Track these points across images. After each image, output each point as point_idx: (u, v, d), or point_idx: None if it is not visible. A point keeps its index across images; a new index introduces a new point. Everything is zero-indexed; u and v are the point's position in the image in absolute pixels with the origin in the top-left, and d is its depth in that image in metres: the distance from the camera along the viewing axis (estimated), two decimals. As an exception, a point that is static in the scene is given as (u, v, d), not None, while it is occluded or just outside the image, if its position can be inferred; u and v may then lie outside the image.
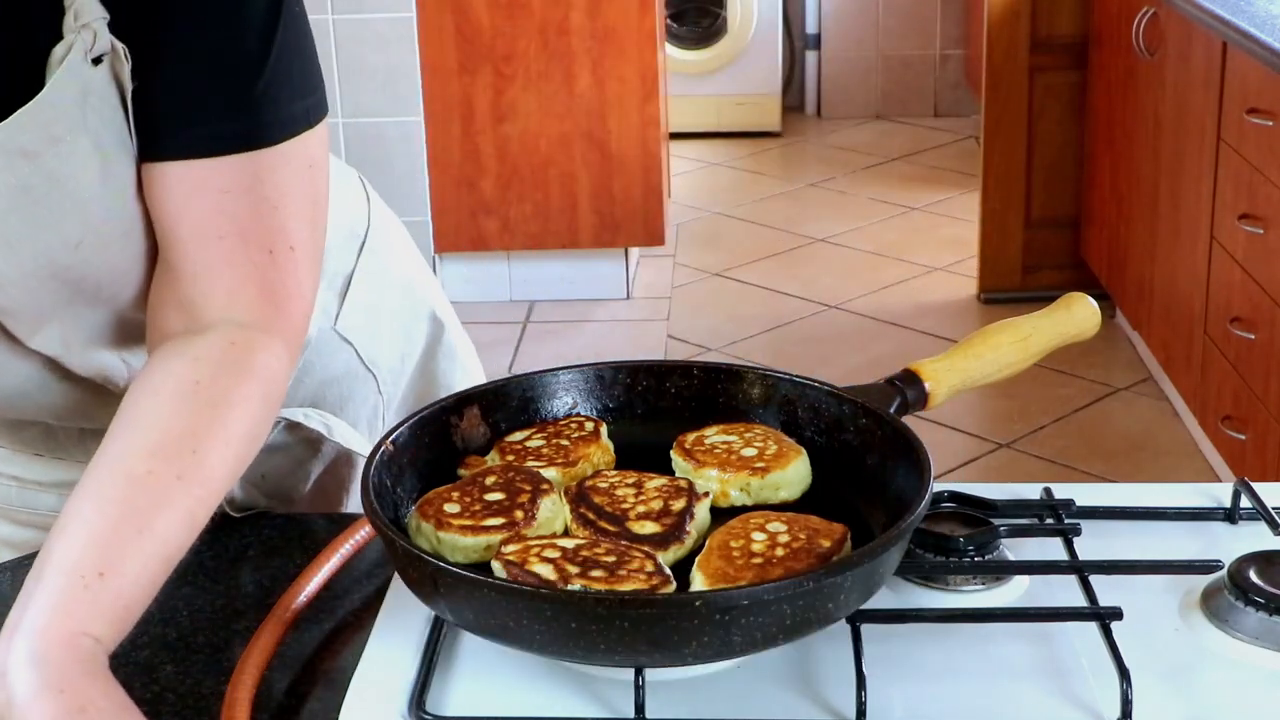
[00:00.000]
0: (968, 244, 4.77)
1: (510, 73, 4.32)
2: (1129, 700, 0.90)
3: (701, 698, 0.93)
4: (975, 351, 1.16)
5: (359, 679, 0.95)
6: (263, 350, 1.04)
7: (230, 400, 1.01)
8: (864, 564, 0.89)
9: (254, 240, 1.04)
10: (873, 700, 0.90)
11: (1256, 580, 1.00)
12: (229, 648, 1.05)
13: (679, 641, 0.86)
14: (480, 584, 0.88)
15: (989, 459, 3.64)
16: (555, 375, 1.14)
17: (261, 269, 1.05)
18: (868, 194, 5.58)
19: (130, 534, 0.93)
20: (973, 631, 0.99)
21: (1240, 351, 3.14)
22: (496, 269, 4.58)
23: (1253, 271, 3.05)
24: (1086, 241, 4.33)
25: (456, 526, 0.97)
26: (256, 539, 1.19)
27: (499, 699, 0.93)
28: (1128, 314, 4.05)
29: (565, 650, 0.88)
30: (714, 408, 1.14)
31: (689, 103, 6.08)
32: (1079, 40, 4.26)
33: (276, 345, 1.05)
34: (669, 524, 0.98)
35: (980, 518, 1.08)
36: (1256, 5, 3.09)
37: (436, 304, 1.46)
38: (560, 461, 1.06)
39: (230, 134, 1.03)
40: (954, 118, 6.40)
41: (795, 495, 1.05)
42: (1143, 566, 1.05)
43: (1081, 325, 1.20)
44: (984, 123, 4.36)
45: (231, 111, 1.03)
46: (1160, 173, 3.66)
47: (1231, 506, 1.13)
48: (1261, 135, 2.96)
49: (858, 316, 4.49)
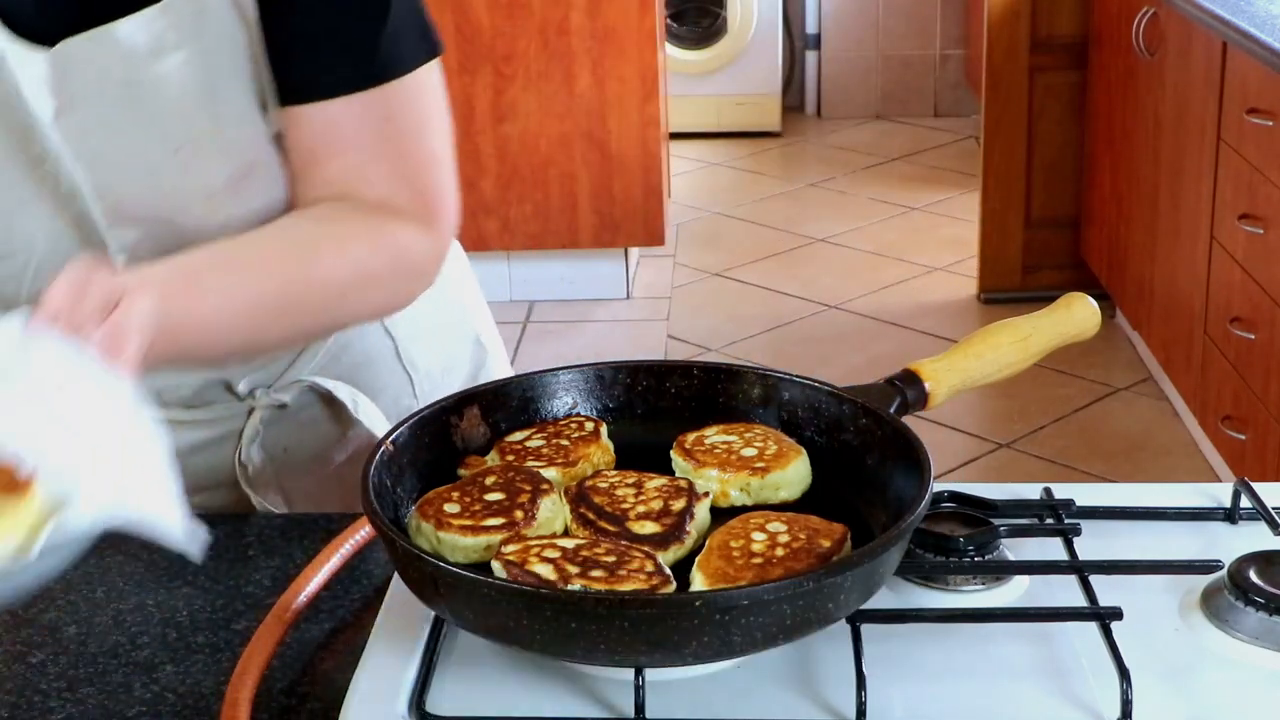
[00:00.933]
0: (968, 244, 4.77)
1: (510, 73, 4.32)
2: (1129, 700, 0.90)
3: (701, 698, 0.93)
4: (975, 351, 1.16)
5: (359, 679, 0.95)
6: (406, 229, 1.16)
7: (356, 233, 1.13)
8: (864, 564, 0.89)
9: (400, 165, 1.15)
10: (873, 700, 0.90)
11: (1256, 580, 1.00)
12: (229, 648, 1.05)
13: (679, 641, 0.86)
14: (480, 584, 0.88)
15: (989, 459, 3.64)
16: (555, 375, 1.14)
17: (410, 184, 1.16)
18: (868, 194, 5.58)
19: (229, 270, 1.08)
20: (973, 631, 0.99)
21: (1240, 351, 3.14)
22: (496, 269, 4.58)
23: (1253, 271, 3.05)
24: (1086, 241, 4.33)
25: (456, 526, 0.97)
26: (256, 539, 1.20)
27: (499, 699, 0.93)
28: (1128, 314, 4.05)
29: (565, 650, 0.88)
30: (714, 408, 1.14)
31: (689, 103, 6.08)
32: (1079, 40, 4.26)
33: (421, 231, 1.17)
34: (669, 524, 0.98)
35: (980, 518, 1.08)
36: (1256, 5, 3.09)
37: (483, 332, 1.49)
38: (560, 461, 1.06)
39: (367, 72, 1.12)
40: (954, 118, 6.40)
41: (795, 495, 1.05)
42: (1143, 566, 1.05)
43: (1081, 325, 1.20)
44: (984, 123, 4.36)
45: (366, 51, 1.12)
46: (1160, 173, 3.66)
47: (1231, 506, 1.13)
48: (1261, 135, 2.96)
49: (858, 316, 4.49)
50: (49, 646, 1.06)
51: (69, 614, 1.10)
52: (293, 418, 1.30)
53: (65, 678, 1.03)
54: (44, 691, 1.01)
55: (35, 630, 1.08)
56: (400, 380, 1.37)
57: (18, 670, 1.04)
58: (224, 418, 1.30)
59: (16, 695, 1.01)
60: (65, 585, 1.14)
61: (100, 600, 1.12)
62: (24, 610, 1.11)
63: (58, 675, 1.03)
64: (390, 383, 1.36)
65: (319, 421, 1.32)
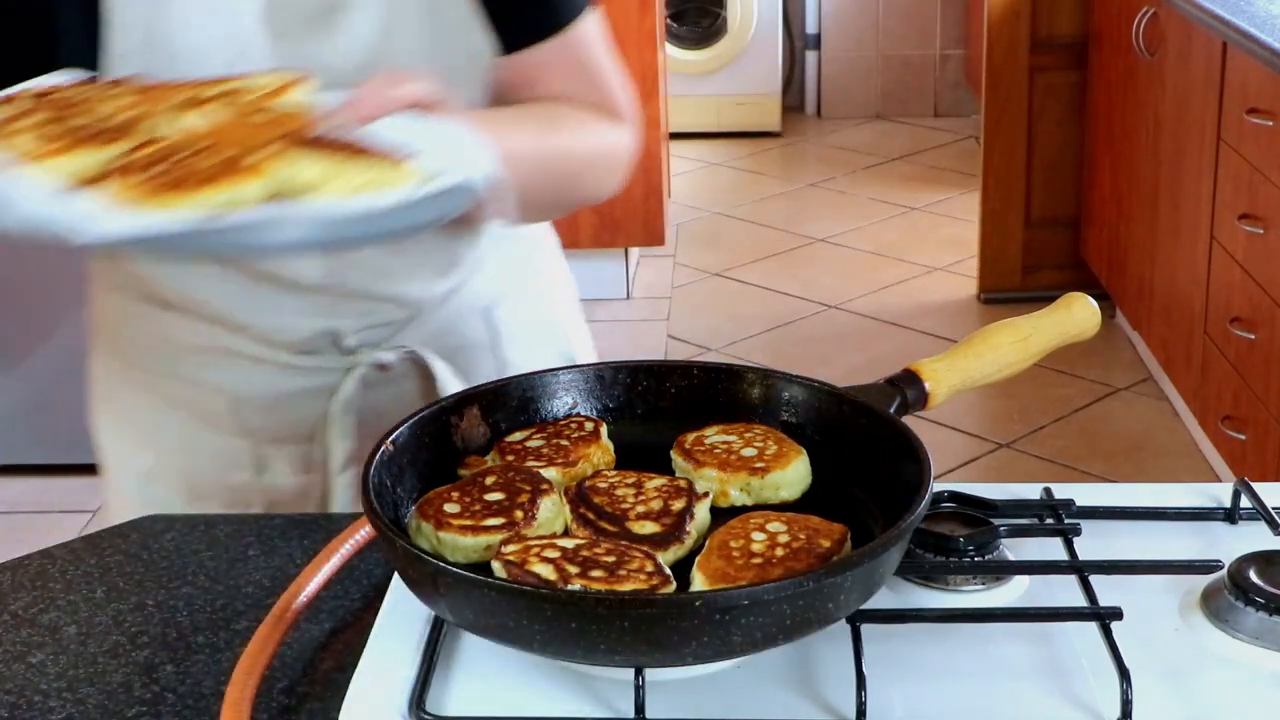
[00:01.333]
0: (968, 244, 4.78)
1: (510, 73, 4.31)
2: (1129, 700, 0.90)
3: (701, 698, 0.93)
4: (975, 351, 1.16)
5: (359, 679, 0.95)
6: (612, 125, 1.37)
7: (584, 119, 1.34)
8: (864, 564, 0.89)
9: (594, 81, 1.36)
10: (873, 700, 0.90)
11: (1256, 580, 1.00)
12: (229, 648, 1.05)
13: (679, 641, 0.86)
14: (480, 584, 0.88)
15: (989, 459, 3.65)
16: (555, 375, 1.15)
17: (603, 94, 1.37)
18: (868, 194, 5.58)
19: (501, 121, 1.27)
20: (973, 631, 0.99)
21: (1240, 351, 3.14)
22: (496, 269, 4.57)
23: (1253, 271, 3.05)
24: (1086, 241, 4.33)
25: (456, 526, 0.97)
26: (256, 539, 1.20)
27: (499, 699, 0.93)
28: (1128, 314, 4.05)
29: (565, 650, 0.88)
30: (714, 408, 1.14)
31: (689, 103, 6.08)
32: (1079, 40, 4.26)
33: (620, 128, 1.38)
34: (669, 524, 0.98)
35: (980, 518, 1.08)
36: (1256, 5, 3.09)
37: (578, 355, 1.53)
38: (560, 461, 1.06)
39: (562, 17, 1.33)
40: (954, 118, 6.40)
41: (795, 495, 1.05)
42: (1143, 566, 1.05)
43: (1081, 325, 1.20)
44: (984, 123, 4.36)
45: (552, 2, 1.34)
46: (1160, 173, 3.66)
47: (1231, 506, 1.13)
48: (1261, 135, 2.96)
49: (858, 316, 4.49)
50: (49, 646, 1.06)
51: (69, 614, 1.10)
52: (386, 385, 1.35)
53: (65, 678, 1.03)
54: (44, 691, 1.01)
55: (35, 630, 1.08)
56: (490, 374, 1.40)
57: (18, 670, 1.04)
58: (325, 369, 1.34)
59: (16, 695, 1.01)
60: (65, 585, 1.14)
61: (100, 600, 1.12)
62: (24, 610, 1.11)
63: (58, 675, 1.03)
64: (481, 374, 1.39)
65: (408, 394, 1.36)
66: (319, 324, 1.32)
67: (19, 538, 3.22)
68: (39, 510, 3.45)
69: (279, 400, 1.34)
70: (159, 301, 1.33)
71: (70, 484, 3.48)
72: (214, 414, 1.36)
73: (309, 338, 1.33)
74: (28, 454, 3.54)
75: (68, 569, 1.16)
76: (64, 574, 1.16)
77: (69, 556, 1.18)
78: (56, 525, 3.34)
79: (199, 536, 1.20)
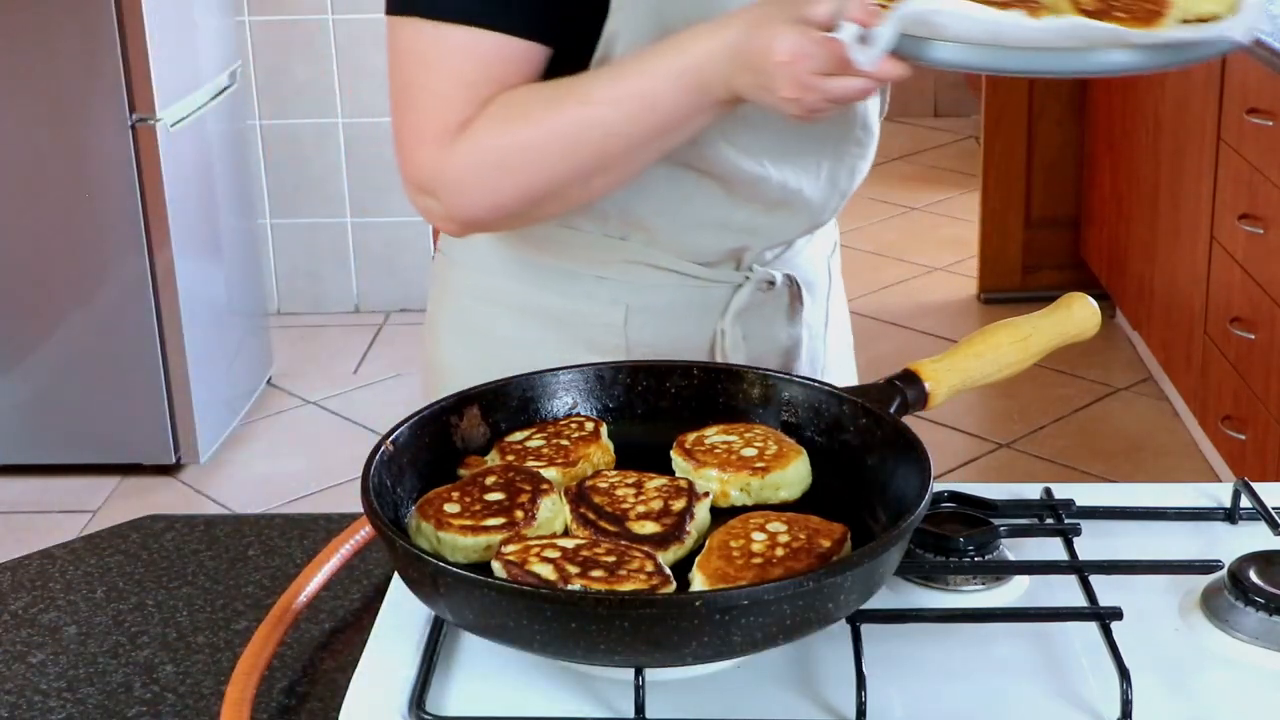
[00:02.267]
0: (968, 244, 4.77)
1: (510, 73, 4.31)
2: (1129, 700, 0.90)
3: (701, 698, 0.93)
4: (975, 351, 1.16)
5: (359, 679, 0.95)
6: None
7: None
8: (864, 564, 0.89)
9: None
10: (873, 700, 0.90)
11: (1256, 580, 1.00)
12: (229, 648, 1.05)
13: (679, 641, 0.86)
14: (480, 584, 0.88)
15: (989, 459, 3.64)
16: (555, 375, 1.15)
17: None
18: (868, 194, 5.57)
19: None
20: (973, 631, 0.99)
21: (1240, 351, 3.14)
22: (496, 269, 4.57)
23: (1253, 271, 3.05)
24: (1086, 241, 4.33)
25: (456, 526, 0.97)
26: (256, 539, 1.20)
27: (499, 699, 0.93)
28: (1128, 314, 4.05)
29: (565, 650, 0.88)
30: (714, 408, 1.14)
31: (689, 103, 6.06)
32: (1079, 40, 4.25)
33: None
34: (669, 524, 0.98)
35: (980, 518, 1.08)
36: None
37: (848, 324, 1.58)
38: (560, 461, 1.06)
39: None
40: (954, 118, 6.40)
41: (795, 495, 1.05)
42: (1143, 566, 1.05)
43: (1081, 325, 1.20)
44: (984, 123, 4.36)
45: None
46: (1160, 173, 3.66)
47: (1231, 506, 1.14)
48: (1261, 135, 2.96)
49: (858, 316, 4.45)
50: (49, 646, 1.06)
51: (69, 614, 1.10)
52: (764, 304, 1.38)
53: (65, 678, 1.03)
54: (44, 691, 1.01)
55: (35, 630, 1.08)
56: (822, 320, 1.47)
57: (18, 670, 1.04)
58: (718, 283, 1.36)
59: (16, 695, 1.01)
60: (65, 585, 1.14)
61: (100, 600, 1.12)
62: (24, 610, 1.11)
63: (58, 675, 1.03)
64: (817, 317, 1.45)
65: (774, 318, 1.39)
66: (731, 242, 1.35)
67: (19, 538, 3.22)
68: (39, 510, 3.44)
69: (677, 312, 1.35)
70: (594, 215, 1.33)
71: (70, 484, 3.48)
72: (611, 325, 1.35)
73: (723, 253, 1.35)
74: (28, 454, 3.54)
75: (68, 569, 1.16)
76: (64, 574, 1.16)
77: (69, 556, 1.18)
78: (56, 525, 3.34)
79: (199, 536, 1.20)
